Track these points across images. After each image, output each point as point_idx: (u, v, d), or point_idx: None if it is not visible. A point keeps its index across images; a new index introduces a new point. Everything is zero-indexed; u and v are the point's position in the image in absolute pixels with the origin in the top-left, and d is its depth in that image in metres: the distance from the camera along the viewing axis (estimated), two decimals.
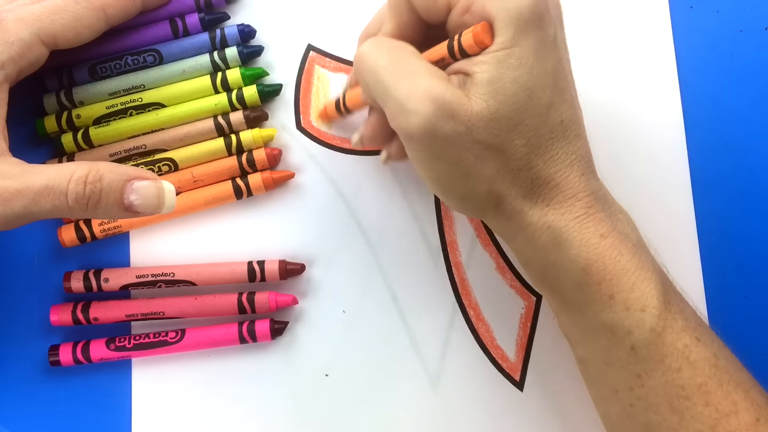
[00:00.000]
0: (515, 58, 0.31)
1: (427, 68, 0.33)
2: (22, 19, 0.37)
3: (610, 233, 0.33)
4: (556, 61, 0.33)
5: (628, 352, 0.32)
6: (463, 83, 0.32)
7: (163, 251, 0.42)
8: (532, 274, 0.35)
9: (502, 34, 0.31)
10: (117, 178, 0.34)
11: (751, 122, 0.43)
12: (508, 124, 0.32)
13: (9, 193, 0.33)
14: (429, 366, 0.42)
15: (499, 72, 0.31)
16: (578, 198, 0.33)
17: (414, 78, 0.32)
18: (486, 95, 0.31)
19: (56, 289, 0.42)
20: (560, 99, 0.33)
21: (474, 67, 0.32)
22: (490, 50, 0.32)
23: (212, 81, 0.42)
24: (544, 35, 0.32)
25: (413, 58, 0.33)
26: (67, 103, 0.42)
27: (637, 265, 0.33)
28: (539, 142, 0.32)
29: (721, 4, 0.43)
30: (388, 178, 0.43)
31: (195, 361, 0.42)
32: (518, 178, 0.33)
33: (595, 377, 0.35)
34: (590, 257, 0.32)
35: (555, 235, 0.33)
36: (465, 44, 0.32)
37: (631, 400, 0.33)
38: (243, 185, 0.41)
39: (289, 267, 0.41)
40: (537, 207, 0.33)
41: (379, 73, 0.33)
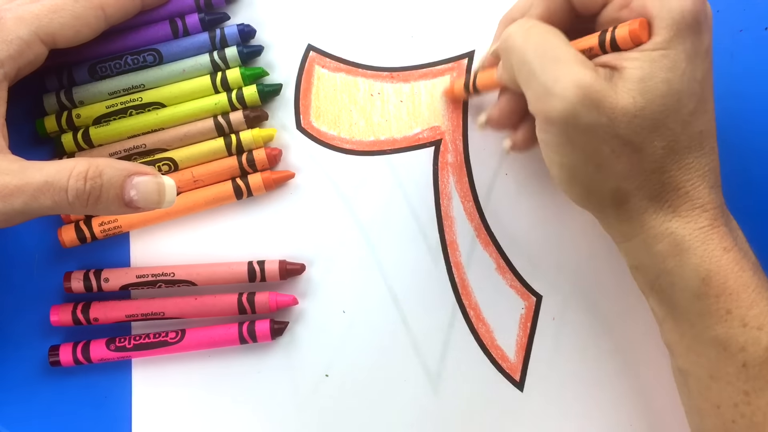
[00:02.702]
0: (670, 60, 0.31)
1: (577, 56, 0.32)
2: (21, 17, 0.37)
3: (732, 248, 0.33)
4: (705, 72, 0.32)
5: (738, 369, 0.32)
6: (610, 77, 0.32)
7: (163, 251, 0.42)
8: (643, 279, 0.35)
9: (660, 34, 0.31)
10: (117, 173, 0.34)
11: (751, 122, 0.43)
12: (651, 124, 0.32)
13: (9, 189, 0.33)
14: (429, 366, 0.42)
15: (652, 71, 0.31)
16: (705, 209, 0.33)
17: (562, 64, 0.32)
18: (634, 91, 0.31)
19: (56, 289, 0.42)
20: (703, 109, 0.33)
21: (624, 62, 0.32)
22: (644, 48, 0.32)
23: (212, 81, 0.42)
24: (699, 43, 0.32)
25: (563, 45, 0.33)
26: (67, 102, 0.42)
27: (757, 282, 0.32)
28: (677, 147, 0.32)
29: (721, 4, 0.43)
30: (388, 179, 0.43)
31: (195, 362, 0.42)
32: (650, 179, 0.32)
33: (695, 390, 0.34)
34: (712, 268, 0.32)
35: (677, 243, 0.32)
36: (619, 37, 0.32)
37: (734, 417, 0.33)
38: (243, 185, 0.41)
39: (289, 267, 0.41)
40: (662, 212, 0.33)
41: (528, 54, 0.33)
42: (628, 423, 0.41)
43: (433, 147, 0.43)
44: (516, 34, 0.34)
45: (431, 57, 0.43)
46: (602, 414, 0.41)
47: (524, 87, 0.34)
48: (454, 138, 0.43)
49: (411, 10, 0.44)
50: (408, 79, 0.43)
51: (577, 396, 0.41)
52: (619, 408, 0.41)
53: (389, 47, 0.44)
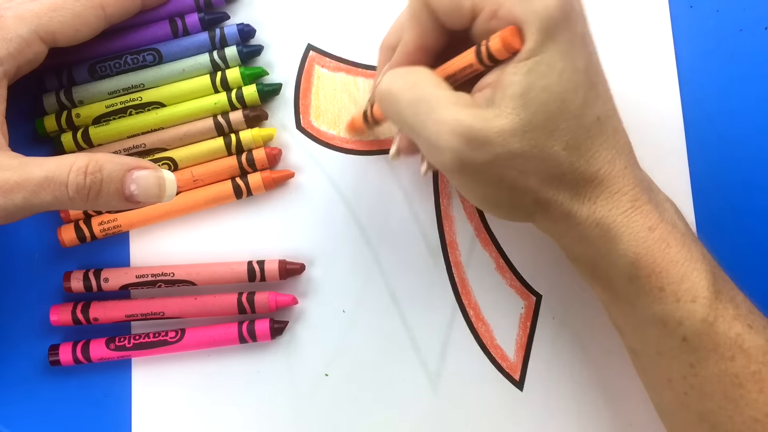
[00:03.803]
0: (544, 64, 0.31)
1: (448, 98, 0.32)
2: (20, 16, 0.37)
3: (658, 225, 0.33)
4: (586, 59, 0.32)
5: (680, 343, 0.33)
6: (492, 99, 0.32)
7: (163, 251, 0.42)
8: (582, 269, 0.35)
9: (531, 39, 0.31)
10: (117, 168, 0.34)
11: (751, 122, 0.43)
12: (544, 132, 0.31)
13: (9, 185, 0.33)
14: (429, 366, 0.42)
15: (530, 82, 0.31)
16: (623, 192, 0.33)
17: (437, 114, 0.32)
18: (518, 108, 0.31)
19: (56, 288, 0.42)
20: (594, 96, 0.32)
21: (503, 80, 0.31)
22: (518, 60, 0.31)
23: (212, 80, 0.42)
24: (572, 35, 0.32)
25: (432, 90, 0.33)
26: (66, 102, 0.42)
27: (686, 256, 0.33)
28: (578, 143, 0.32)
29: (721, 4, 0.43)
30: (388, 178, 0.43)
31: (195, 361, 0.42)
32: (563, 182, 0.33)
33: (647, 367, 0.35)
34: (639, 251, 0.32)
35: (604, 231, 0.33)
36: (493, 49, 0.32)
37: (685, 389, 0.33)
38: (243, 185, 0.41)
39: (288, 267, 0.41)
40: (585, 205, 0.33)
41: (402, 114, 0.33)
42: (627, 423, 0.41)
43: None
44: (386, 96, 0.34)
45: None
46: (602, 413, 0.41)
47: (413, 139, 0.34)
48: None
49: None
50: None
51: (577, 396, 0.41)
52: (619, 408, 0.41)
53: None
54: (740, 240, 0.42)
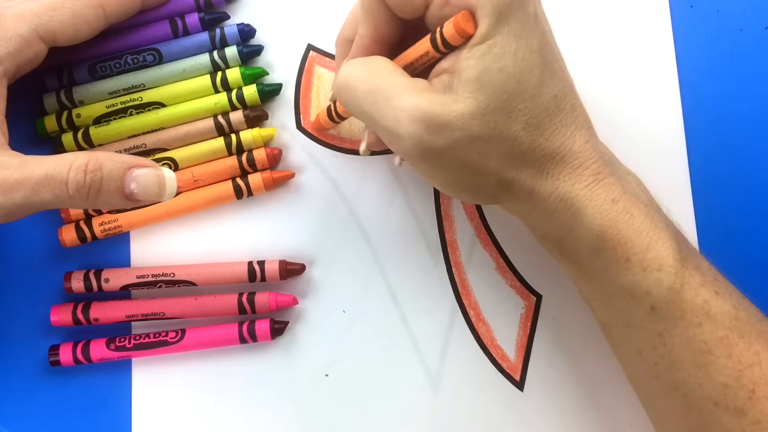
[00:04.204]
0: (499, 47, 0.31)
1: (406, 85, 0.32)
2: (20, 15, 0.37)
3: (621, 197, 0.33)
4: (540, 38, 0.32)
5: (648, 313, 0.33)
6: (449, 84, 0.32)
7: (163, 251, 0.42)
8: (550, 246, 0.35)
9: (484, 23, 0.31)
10: (117, 166, 0.34)
11: (751, 122, 0.43)
12: (503, 114, 0.32)
13: (9, 183, 0.33)
14: (429, 366, 0.42)
15: (485, 65, 0.31)
16: (585, 166, 0.33)
17: (396, 101, 0.32)
18: (475, 92, 0.31)
19: (56, 289, 0.42)
20: (549, 74, 0.33)
21: (459, 65, 0.32)
22: (472, 44, 0.31)
23: (212, 80, 0.42)
24: (524, 15, 0.32)
25: (390, 78, 0.33)
26: (67, 102, 0.42)
27: (650, 225, 0.33)
28: (537, 122, 0.32)
29: (721, 4, 0.43)
30: (388, 178, 0.43)
31: (195, 361, 0.42)
32: (525, 160, 0.33)
33: (618, 340, 0.36)
34: (603, 223, 0.33)
35: (568, 206, 0.33)
36: (447, 35, 0.32)
37: (655, 359, 0.34)
38: (243, 185, 0.41)
39: (289, 267, 0.41)
40: (548, 182, 0.33)
41: (361, 104, 0.33)
42: (628, 423, 0.41)
43: None
44: (343, 88, 0.34)
45: None
46: (602, 414, 0.41)
47: (374, 131, 0.34)
48: None
49: None
50: None
51: (577, 395, 0.41)
52: (619, 408, 0.41)
53: None
54: (741, 240, 0.42)
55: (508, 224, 0.42)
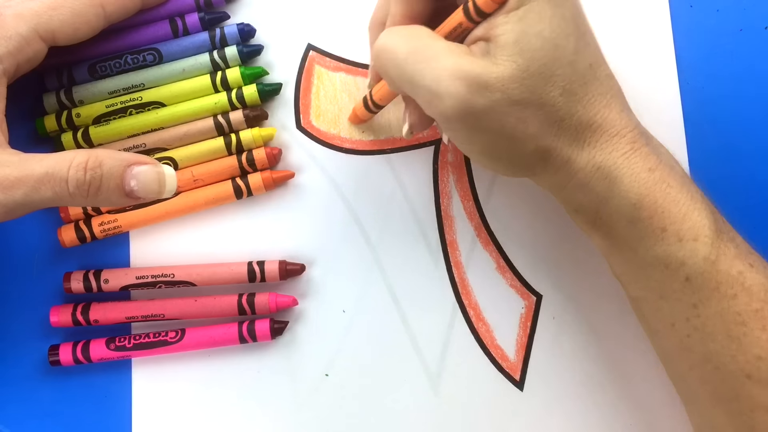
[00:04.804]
0: (535, 12, 0.31)
1: (447, 47, 0.33)
2: (20, 14, 0.37)
3: (657, 166, 0.33)
4: (572, 8, 0.33)
5: (682, 284, 0.33)
6: (486, 50, 0.32)
7: (163, 251, 0.42)
8: (584, 218, 0.35)
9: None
10: (117, 163, 0.34)
11: (751, 122, 0.43)
12: (541, 78, 0.32)
13: (9, 181, 0.33)
14: (429, 366, 0.42)
15: (522, 29, 0.31)
16: (622, 135, 0.33)
17: (436, 61, 0.32)
18: (514, 55, 0.31)
19: (56, 289, 0.42)
20: (584, 44, 0.33)
21: (495, 30, 0.32)
22: (508, 10, 0.32)
23: (212, 80, 0.42)
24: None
25: (430, 41, 0.33)
26: (66, 102, 0.42)
27: (686, 196, 0.33)
28: (574, 88, 0.32)
29: (721, 3, 0.43)
30: (388, 178, 0.43)
31: (195, 361, 0.42)
32: (562, 127, 0.33)
33: (649, 313, 0.35)
34: (641, 191, 0.33)
35: (605, 175, 0.33)
36: (480, 2, 0.32)
37: (688, 331, 0.33)
38: (243, 185, 0.41)
39: (289, 267, 0.41)
40: (584, 151, 0.33)
41: (401, 66, 0.33)
42: (627, 423, 0.41)
43: (433, 146, 0.43)
44: (383, 50, 0.34)
45: None
46: (602, 413, 0.41)
47: (412, 96, 0.34)
48: None
49: None
50: None
51: (577, 395, 0.41)
52: (619, 407, 0.41)
53: None
54: None
55: (508, 224, 0.42)
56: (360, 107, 0.41)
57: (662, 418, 0.41)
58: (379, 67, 0.35)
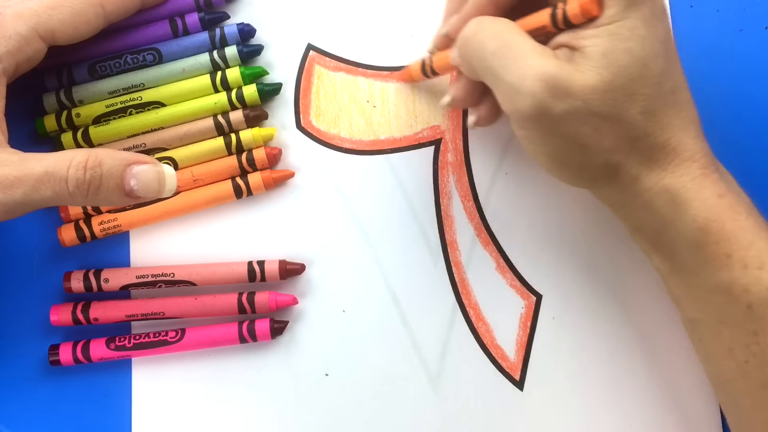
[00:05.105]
0: (627, 29, 0.32)
1: (535, 48, 0.33)
2: (20, 13, 0.37)
3: (726, 193, 0.33)
4: (666, 30, 0.33)
5: (744, 311, 0.33)
6: (571, 57, 0.32)
7: (163, 250, 0.42)
8: (645, 238, 0.35)
9: (613, 6, 0.32)
10: (117, 163, 0.34)
11: (751, 121, 0.43)
12: (624, 94, 0.32)
13: (9, 180, 0.33)
14: (429, 366, 0.42)
15: (612, 44, 0.32)
16: (694, 159, 0.33)
17: (523, 60, 0.32)
18: (600, 67, 0.32)
19: (56, 288, 0.42)
20: (671, 67, 0.33)
21: (583, 41, 0.32)
22: (599, 23, 0.32)
23: (212, 80, 0.42)
24: (654, 5, 0.32)
25: (519, 39, 0.33)
26: (66, 102, 0.42)
27: (753, 223, 0.33)
28: (654, 109, 0.33)
29: (721, 4, 0.43)
30: (388, 178, 0.43)
31: (195, 361, 0.42)
32: (636, 146, 0.33)
33: (707, 337, 0.35)
34: (709, 216, 0.33)
35: (672, 197, 0.33)
36: (570, 14, 0.32)
37: (747, 357, 0.33)
38: (243, 184, 0.41)
39: (289, 267, 0.41)
40: (654, 172, 0.33)
41: (487, 59, 0.33)
42: (627, 422, 0.41)
43: (434, 146, 0.43)
44: (471, 40, 0.34)
45: None
46: (602, 413, 0.41)
47: (492, 87, 0.34)
48: (455, 137, 0.43)
49: (411, 9, 0.44)
50: None
51: (576, 395, 0.41)
52: (619, 407, 0.41)
53: (389, 46, 0.43)
54: None
55: (508, 224, 0.42)
56: (416, 69, 0.41)
57: (663, 417, 0.41)
58: (464, 53, 0.35)
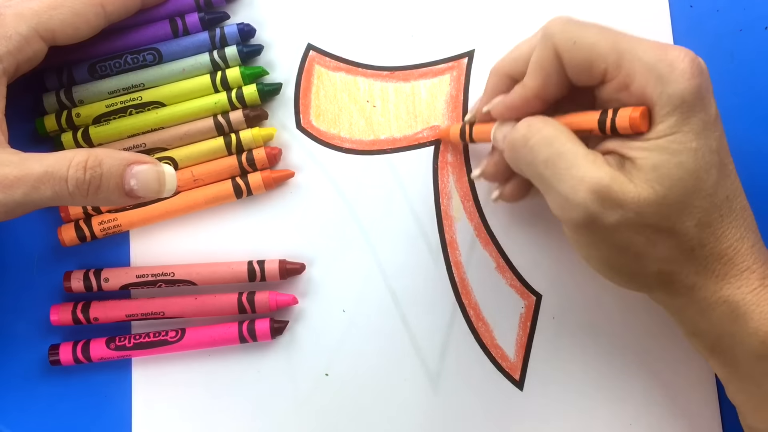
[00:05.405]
0: (678, 143, 0.31)
1: (587, 155, 0.32)
2: (20, 14, 0.37)
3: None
4: (719, 138, 0.32)
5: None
6: (622, 165, 0.32)
7: (163, 250, 0.42)
8: (702, 343, 0.35)
9: (664, 121, 0.31)
10: (117, 163, 0.34)
11: (751, 122, 0.43)
12: (678, 208, 0.31)
13: (9, 180, 0.33)
14: (429, 366, 0.42)
15: (663, 158, 0.31)
16: (752, 270, 0.33)
17: (576, 170, 0.32)
18: (652, 181, 0.31)
19: (56, 288, 0.42)
20: (724, 175, 0.32)
21: (634, 152, 0.32)
22: (650, 136, 0.31)
23: (212, 80, 0.42)
24: (706, 116, 0.31)
25: (571, 147, 0.32)
26: (66, 102, 0.42)
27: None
28: (709, 220, 0.32)
29: (721, 4, 0.43)
30: (388, 178, 0.43)
31: (195, 361, 0.42)
32: (691, 256, 0.32)
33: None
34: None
35: (732, 309, 0.32)
36: (619, 126, 0.32)
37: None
38: (243, 184, 0.41)
39: (289, 266, 0.41)
40: (710, 282, 0.32)
41: (539, 167, 0.33)
42: (627, 423, 0.41)
43: (433, 146, 0.43)
44: (522, 146, 0.34)
45: (431, 56, 0.43)
46: (602, 413, 0.41)
47: (542, 191, 0.34)
48: None
49: (411, 9, 0.44)
50: (408, 78, 0.43)
51: (577, 395, 0.41)
52: (619, 407, 0.41)
53: (389, 46, 0.44)
54: None
55: (508, 224, 0.42)
56: (456, 133, 0.41)
57: (663, 417, 0.41)
58: (512, 157, 0.35)
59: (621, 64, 0.32)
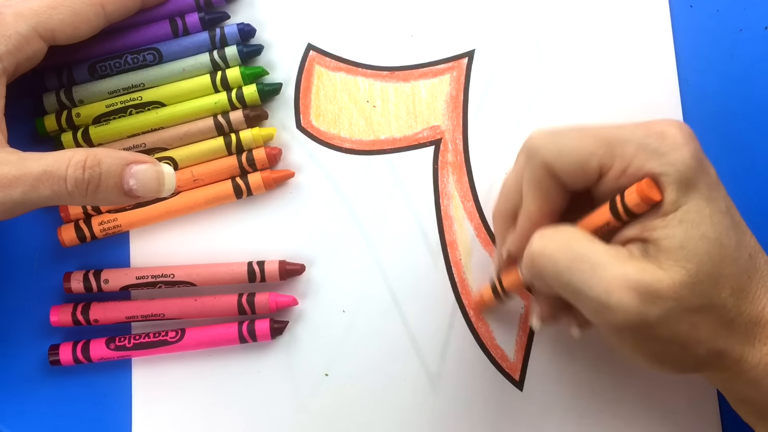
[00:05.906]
0: (694, 212, 0.30)
1: (609, 252, 0.31)
2: (20, 13, 0.37)
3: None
4: (725, 199, 0.32)
5: None
6: (647, 251, 0.31)
7: (162, 251, 0.42)
8: (751, 410, 0.34)
9: (673, 191, 0.30)
10: (116, 162, 0.34)
11: (751, 122, 0.43)
12: (711, 281, 0.30)
13: (8, 179, 0.33)
14: (429, 366, 0.42)
15: (686, 233, 0.30)
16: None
17: (603, 270, 0.31)
18: (681, 260, 0.30)
19: (56, 289, 0.42)
20: (741, 234, 0.32)
21: (654, 233, 0.31)
22: (665, 211, 0.31)
23: (212, 80, 0.42)
24: (709, 179, 0.31)
25: (590, 246, 0.32)
26: (66, 102, 0.42)
27: None
28: (741, 285, 0.31)
29: (721, 4, 0.43)
30: (388, 178, 0.43)
31: (195, 361, 0.42)
32: (733, 328, 0.31)
33: None
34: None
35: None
36: (631, 204, 0.31)
37: None
38: (243, 184, 0.41)
39: (288, 267, 0.41)
40: (756, 348, 0.32)
41: (563, 275, 0.32)
42: (627, 423, 0.41)
43: (433, 146, 0.43)
44: (540, 258, 0.32)
45: (431, 56, 0.43)
46: (601, 414, 0.41)
47: (573, 302, 0.33)
48: (455, 137, 0.43)
49: (411, 9, 0.44)
50: (408, 79, 0.43)
51: (576, 396, 0.41)
52: (619, 408, 0.41)
53: (389, 46, 0.43)
54: None
55: None
56: (487, 292, 0.40)
57: (663, 418, 0.41)
58: (534, 273, 0.33)
59: (612, 153, 0.32)
